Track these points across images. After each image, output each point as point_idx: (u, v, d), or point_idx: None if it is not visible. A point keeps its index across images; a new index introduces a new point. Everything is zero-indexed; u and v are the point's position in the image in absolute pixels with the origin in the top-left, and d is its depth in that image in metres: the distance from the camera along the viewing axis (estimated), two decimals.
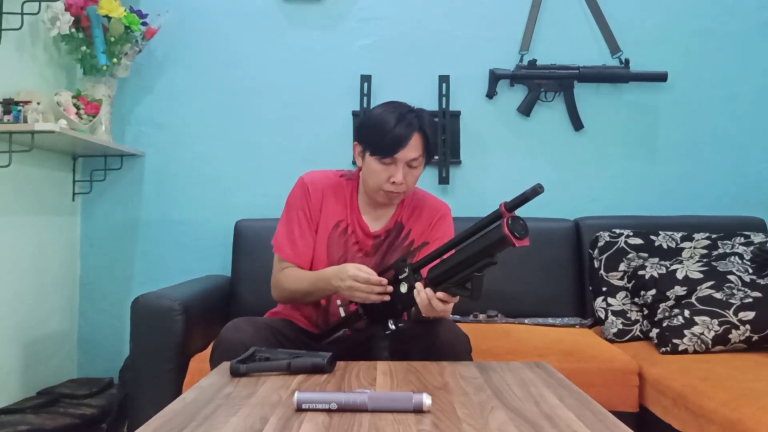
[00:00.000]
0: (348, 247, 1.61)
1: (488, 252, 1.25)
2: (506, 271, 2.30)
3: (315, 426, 0.93)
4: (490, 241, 1.24)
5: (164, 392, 1.70)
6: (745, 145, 2.57)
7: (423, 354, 1.42)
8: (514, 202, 1.23)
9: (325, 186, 1.62)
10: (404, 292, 1.38)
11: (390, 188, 1.53)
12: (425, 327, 1.48)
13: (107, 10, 2.21)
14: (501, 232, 1.21)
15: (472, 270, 1.27)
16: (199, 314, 1.89)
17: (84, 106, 2.21)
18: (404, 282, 1.39)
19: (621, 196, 2.55)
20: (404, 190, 1.55)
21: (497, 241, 1.22)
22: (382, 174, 1.53)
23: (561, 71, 2.52)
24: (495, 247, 1.24)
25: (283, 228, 1.61)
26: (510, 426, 0.94)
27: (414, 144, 1.51)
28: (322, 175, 1.65)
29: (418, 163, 1.54)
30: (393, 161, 1.51)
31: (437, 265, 1.35)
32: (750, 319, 1.85)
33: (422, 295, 1.33)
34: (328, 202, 1.61)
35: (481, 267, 1.27)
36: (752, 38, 2.57)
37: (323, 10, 2.57)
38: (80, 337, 2.49)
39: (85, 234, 2.52)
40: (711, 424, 1.43)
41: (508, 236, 1.20)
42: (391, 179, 1.52)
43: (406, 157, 1.51)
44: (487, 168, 2.57)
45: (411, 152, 1.51)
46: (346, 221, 1.61)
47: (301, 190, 1.62)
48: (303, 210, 1.60)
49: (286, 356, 1.27)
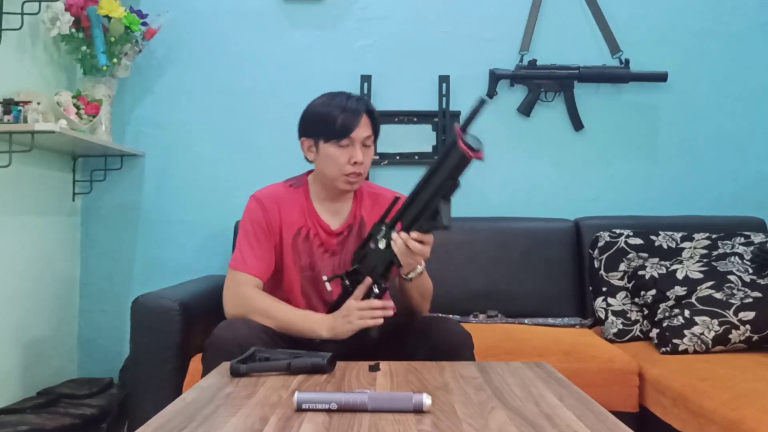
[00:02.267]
0: (313, 250, 1.61)
1: (450, 175, 1.30)
2: (506, 271, 2.31)
3: (315, 426, 0.93)
4: (449, 164, 1.29)
5: (164, 392, 1.70)
6: (745, 145, 2.57)
7: (427, 353, 1.42)
8: (466, 121, 1.27)
9: (278, 198, 1.63)
10: (383, 248, 1.42)
11: (351, 170, 1.55)
12: (428, 325, 1.49)
13: (107, 10, 2.21)
14: (458, 150, 1.26)
15: (439, 197, 1.32)
16: (199, 314, 1.89)
17: (84, 106, 2.21)
18: (382, 239, 1.42)
19: (621, 196, 2.56)
20: (363, 171, 1.58)
21: (455, 160, 1.28)
22: (342, 158, 1.55)
23: (561, 71, 2.52)
24: (455, 167, 1.29)
25: (243, 244, 1.59)
26: (510, 426, 0.94)
27: (365, 123, 1.56)
28: (272, 189, 1.66)
29: (370, 142, 1.59)
30: (350, 141, 1.54)
31: (409, 208, 1.38)
32: (750, 319, 1.85)
33: (399, 242, 1.38)
34: (285, 213, 1.61)
35: (446, 192, 1.32)
36: (752, 38, 2.57)
37: (323, 10, 2.57)
38: (80, 337, 2.50)
39: (85, 234, 2.53)
40: (711, 424, 1.43)
41: (464, 150, 1.25)
42: (352, 159, 1.54)
43: (360, 136, 1.55)
44: (487, 168, 2.56)
45: (364, 131, 1.56)
46: (306, 226, 1.62)
47: (257, 206, 1.61)
48: (260, 225, 1.59)
49: (286, 356, 1.27)
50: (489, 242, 2.34)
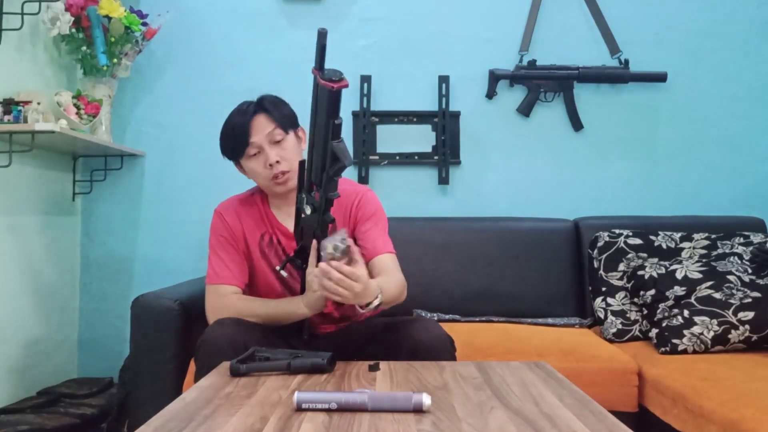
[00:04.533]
0: (280, 255, 1.62)
1: (328, 114, 1.30)
2: (506, 271, 2.31)
3: (315, 426, 0.93)
4: (322, 105, 1.30)
5: (164, 392, 1.70)
6: (744, 145, 2.57)
7: (407, 356, 1.40)
8: (317, 59, 1.29)
9: (237, 208, 1.64)
10: (309, 213, 1.41)
11: (272, 171, 1.53)
12: (408, 327, 1.46)
13: (107, 10, 2.21)
14: (323, 88, 1.28)
15: (330, 140, 1.31)
16: (198, 314, 1.88)
17: (84, 106, 2.21)
18: (307, 205, 1.41)
19: (621, 196, 2.56)
20: (288, 168, 1.54)
21: (326, 98, 1.28)
22: (258, 167, 1.55)
23: (560, 71, 2.52)
24: (329, 105, 1.29)
25: (212, 260, 1.60)
26: (510, 426, 0.94)
27: (260, 124, 1.53)
28: (233, 200, 1.68)
29: (281, 136, 1.54)
30: (257, 149, 1.53)
31: (311, 164, 1.38)
32: (749, 319, 1.85)
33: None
34: (246, 222, 1.62)
35: (334, 132, 1.31)
36: (752, 38, 2.57)
37: (323, 11, 2.57)
38: (80, 337, 2.50)
39: (86, 234, 2.53)
40: (710, 424, 1.43)
41: (326, 84, 1.26)
42: (267, 163, 1.52)
43: (261, 137, 1.52)
44: (486, 168, 2.57)
45: (264, 129, 1.53)
46: (268, 232, 1.62)
47: (218, 220, 1.63)
48: (224, 237, 1.61)
49: (285, 356, 1.27)
50: (489, 242, 2.34)
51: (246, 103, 1.58)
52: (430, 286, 2.25)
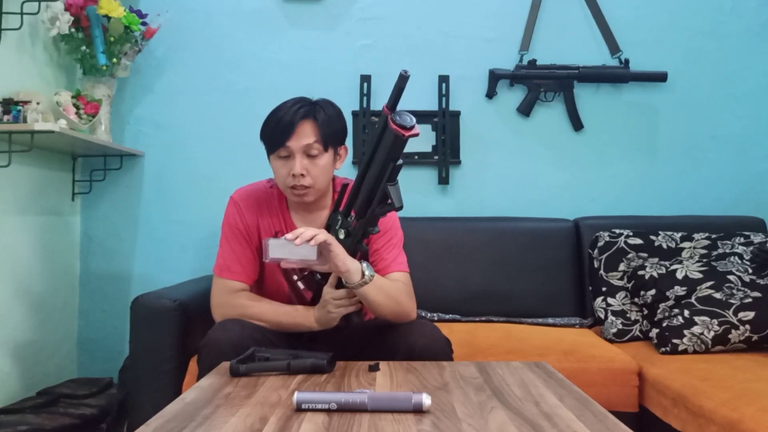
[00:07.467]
0: None
1: (390, 157, 1.28)
2: (506, 271, 2.31)
3: (315, 426, 0.93)
4: (386, 146, 1.27)
5: (164, 392, 1.70)
6: (745, 145, 2.57)
7: (403, 358, 1.40)
8: (392, 99, 1.25)
9: (256, 201, 1.61)
10: (342, 237, 1.41)
11: (292, 182, 1.48)
12: (403, 330, 1.46)
13: (107, 10, 2.21)
14: (391, 131, 1.24)
15: (385, 181, 1.30)
16: (198, 314, 1.89)
17: (84, 106, 2.21)
18: (340, 229, 1.41)
19: (621, 196, 2.56)
20: (310, 184, 1.49)
21: (391, 141, 1.26)
22: (283, 170, 1.50)
23: (561, 71, 2.52)
24: (392, 148, 1.27)
25: (225, 250, 1.59)
26: (510, 426, 0.94)
27: (304, 131, 1.47)
28: (251, 190, 1.63)
29: (317, 151, 1.48)
30: (288, 153, 1.48)
31: (357, 195, 1.36)
32: (750, 319, 1.85)
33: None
34: (263, 216, 1.60)
35: (391, 174, 1.29)
36: (752, 38, 2.57)
37: (323, 10, 2.57)
38: (80, 337, 2.49)
39: (85, 234, 2.52)
40: (711, 424, 1.43)
41: (397, 130, 1.23)
42: (291, 171, 1.47)
43: (298, 145, 1.46)
44: (486, 168, 2.57)
45: (302, 139, 1.46)
46: (282, 231, 1.59)
47: (235, 210, 1.60)
48: (239, 229, 1.58)
49: (285, 356, 1.27)
50: (489, 242, 2.34)
51: (301, 102, 1.51)
52: (430, 286, 2.25)
